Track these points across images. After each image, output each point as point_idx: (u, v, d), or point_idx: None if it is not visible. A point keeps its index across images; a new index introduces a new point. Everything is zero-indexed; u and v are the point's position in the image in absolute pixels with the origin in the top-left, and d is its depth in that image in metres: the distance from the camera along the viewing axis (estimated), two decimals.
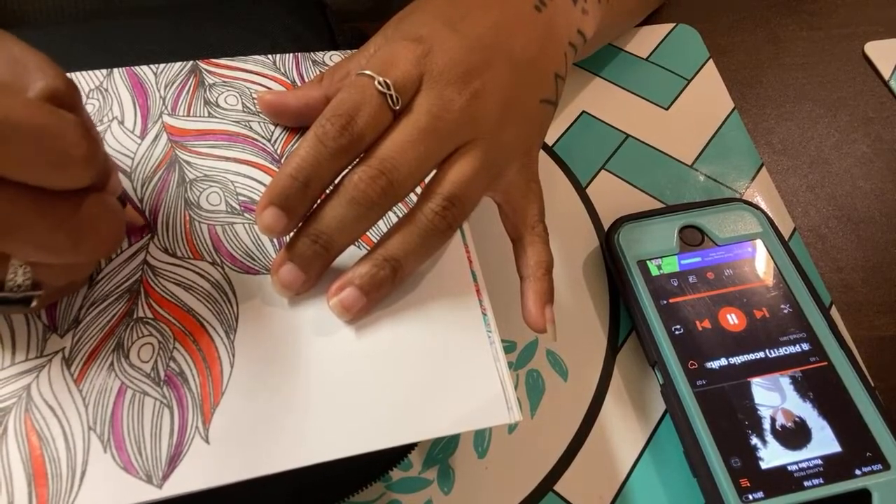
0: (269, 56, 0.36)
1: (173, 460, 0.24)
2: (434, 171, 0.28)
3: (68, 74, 0.34)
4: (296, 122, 0.32)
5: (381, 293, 0.27)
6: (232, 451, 0.24)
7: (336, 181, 0.27)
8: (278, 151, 0.32)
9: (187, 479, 0.23)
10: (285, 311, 0.27)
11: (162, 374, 0.25)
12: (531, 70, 0.31)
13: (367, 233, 0.30)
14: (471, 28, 0.30)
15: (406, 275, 0.28)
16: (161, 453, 0.24)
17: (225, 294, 0.27)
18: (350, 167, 0.27)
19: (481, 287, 0.29)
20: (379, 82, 0.27)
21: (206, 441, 0.24)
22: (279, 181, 0.26)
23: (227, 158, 0.31)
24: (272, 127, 0.32)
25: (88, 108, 0.33)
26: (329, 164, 0.26)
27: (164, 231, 0.29)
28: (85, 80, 0.34)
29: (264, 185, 0.31)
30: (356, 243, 0.29)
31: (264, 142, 0.32)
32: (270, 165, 0.31)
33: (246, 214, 0.30)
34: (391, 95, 0.27)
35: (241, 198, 0.30)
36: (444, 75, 0.28)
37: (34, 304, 0.22)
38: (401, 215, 0.28)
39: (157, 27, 0.39)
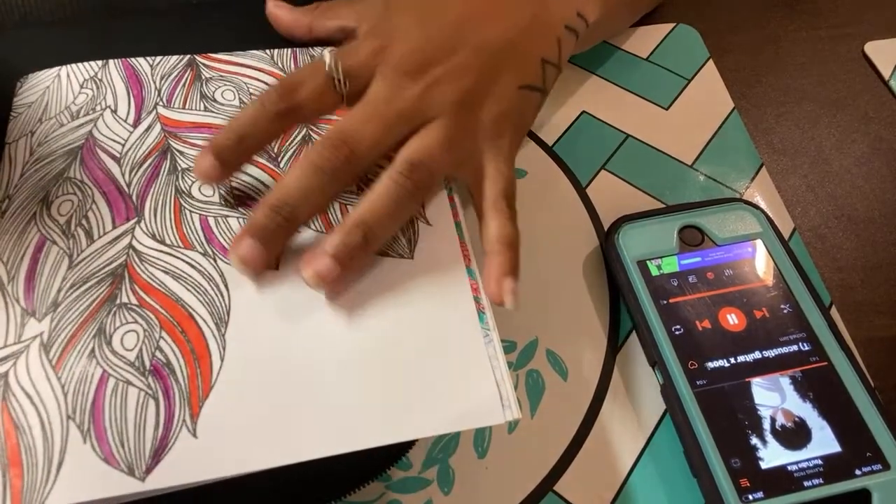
0: (267, 51, 0.36)
1: (158, 453, 0.23)
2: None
3: (66, 66, 0.34)
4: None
5: (355, 262, 0.27)
6: (221, 445, 0.23)
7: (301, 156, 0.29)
8: (274, 149, 0.32)
9: (172, 473, 0.22)
10: (279, 307, 0.27)
11: (147, 363, 0.25)
12: (508, 56, 0.32)
13: None
14: (440, 17, 0.32)
15: (377, 240, 0.28)
16: (145, 445, 0.23)
17: (217, 286, 0.27)
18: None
19: (480, 285, 0.29)
20: (329, 65, 0.29)
21: (194, 434, 0.23)
22: (219, 135, 0.28)
23: None
24: None
25: (81, 98, 0.33)
26: (265, 125, 0.28)
27: (151, 216, 0.29)
28: (80, 71, 0.34)
29: (260, 181, 0.31)
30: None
31: None
32: (266, 162, 0.31)
33: (240, 209, 0.30)
34: (338, 78, 0.29)
35: (235, 191, 0.30)
36: (398, 66, 0.30)
37: None
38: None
39: (157, 27, 0.39)
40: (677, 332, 0.32)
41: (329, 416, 0.24)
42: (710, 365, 0.31)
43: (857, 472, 0.28)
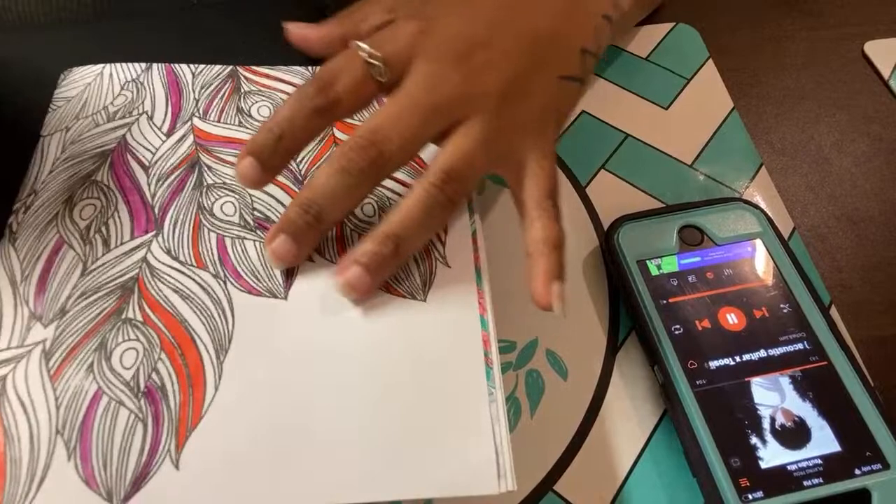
0: (309, 68, 0.36)
1: (138, 481, 0.22)
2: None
3: (109, 65, 0.34)
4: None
5: (385, 271, 0.27)
6: (200, 482, 0.23)
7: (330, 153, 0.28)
8: (302, 172, 0.32)
9: None
10: (280, 342, 0.26)
11: (142, 384, 0.24)
12: (549, 45, 0.31)
13: None
14: (481, 4, 0.30)
15: (409, 251, 0.27)
16: (127, 471, 0.23)
17: (223, 311, 0.27)
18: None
19: (491, 338, 0.27)
20: (367, 53, 0.28)
21: (176, 466, 0.23)
22: (257, 134, 0.27)
23: None
24: None
25: (120, 100, 0.33)
26: (303, 122, 0.27)
27: (170, 231, 0.29)
28: (123, 71, 0.34)
29: (283, 203, 0.30)
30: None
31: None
32: (292, 186, 0.31)
33: (258, 232, 0.29)
34: (377, 67, 0.28)
35: (256, 213, 0.30)
36: (440, 52, 0.28)
37: None
38: None
39: (159, 28, 0.39)
40: (677, 332, 0.32)
41: (313, 465, 0.24)
42: (710, 364, 0.31)
43: (857, 471, 0.28)
